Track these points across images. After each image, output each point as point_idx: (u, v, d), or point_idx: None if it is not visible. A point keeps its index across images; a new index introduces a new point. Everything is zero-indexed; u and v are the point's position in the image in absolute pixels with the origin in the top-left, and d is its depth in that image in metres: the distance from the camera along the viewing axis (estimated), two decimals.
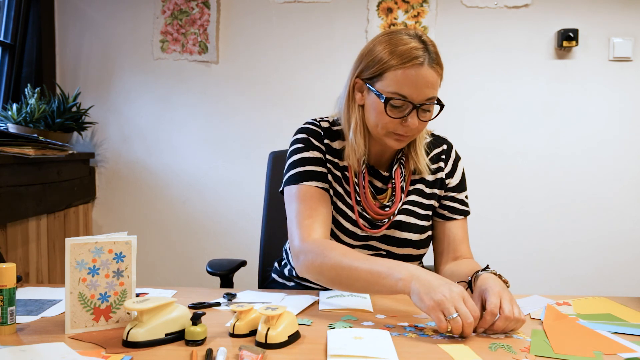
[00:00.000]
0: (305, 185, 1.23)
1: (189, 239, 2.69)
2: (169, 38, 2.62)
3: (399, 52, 1.13)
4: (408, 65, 1.12)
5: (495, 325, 0.96)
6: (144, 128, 2.67)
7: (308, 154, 1.26)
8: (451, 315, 0.91)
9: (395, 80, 1.13)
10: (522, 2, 2.55)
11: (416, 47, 1.13)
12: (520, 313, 0.97)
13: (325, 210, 1.22)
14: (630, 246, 2.60)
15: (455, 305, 0.92)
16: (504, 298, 0.98)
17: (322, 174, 1.25)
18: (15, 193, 1.95)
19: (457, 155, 1.36)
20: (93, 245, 0.96)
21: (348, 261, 1.08)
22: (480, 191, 2.56)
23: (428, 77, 1.13)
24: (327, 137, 1.29)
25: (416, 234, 1.28)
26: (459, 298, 0.93)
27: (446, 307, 0.92)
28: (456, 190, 1.33)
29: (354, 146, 1.23)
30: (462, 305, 0.92)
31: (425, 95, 1.14)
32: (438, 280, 0.97)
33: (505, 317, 0.96)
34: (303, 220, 1.19)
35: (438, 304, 0.93)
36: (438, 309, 0.92)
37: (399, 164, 1.29)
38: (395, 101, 1.14)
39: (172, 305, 0.93)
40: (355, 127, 1.23)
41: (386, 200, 1.27)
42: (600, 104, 2.58)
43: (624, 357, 0.86)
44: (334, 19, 2.60)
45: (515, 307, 0.98)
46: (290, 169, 1.26)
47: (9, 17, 2.43)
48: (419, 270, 1.00)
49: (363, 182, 1.26)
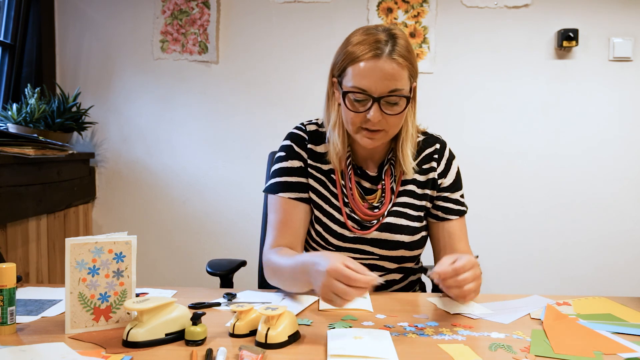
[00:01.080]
0: (281, 197, 1.28)
1: (189, 239, 2.69)
2: (169, 38, 2.63)
3: (360, 45, 1.13)
4: (366, 58, 1.11)
5: (448, 281, 1.00)
6: (144, 128, 2.67)
7: (287, 163, 1.30)
8: (334, 300, 0.95)
9: (354, 74, 1.13)
10: (522, 2, 2.55)
11: (377, 40, 1.12)
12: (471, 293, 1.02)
13: (297, 221, 1.27)
14: (630, 246, 2.60)
15: (331, 289, 0.94)
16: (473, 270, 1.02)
17: (299, 185, 1.28)
18: (15, 193, 1.95)
19: (450, 154, 1.34)
20: (93, 245, 0.96)
21: (282, 262, 1.15)
22: (480, 191, 2.56)
23: (387, 68, 1.11)
24: (312, 141, 1.30)
25: (408, 236, 1.27)
26: (330, 278, 0.94)
27: (326, 296, 0.96)
28: (450, 190, 1.32)
29: (332, 143, 1.25)
30: (336, 285, 0.93)
31: (386, 88, 1.12)
32: (316, 266, 0.99)
33: (457, 281, 0.99)
34: (272, 231, 1.27)
35: (321, 296, 0.98)
36: (325, 300, 0.97)
37: (389, 165, 1.28)
38: (356, 95, 1.14)
39: (172, 305, 0.93)
40: (334, 125, 1.24)
41: (375, 201, 1.27)
42: (600, 104, 2.58)
43: (624, 357, 0.86)
44: (334, 19, 2.60)
45: (473, 283, 1.01)
46: (271, 177, 1.32)
47: (9, 17, 2.43)
48: (309, 264, 1.03)
49: (350, 183, 1.26)
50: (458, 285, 1.00)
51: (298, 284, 1.12)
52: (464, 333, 0.97)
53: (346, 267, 0.94)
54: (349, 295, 0.93)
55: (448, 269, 1.00)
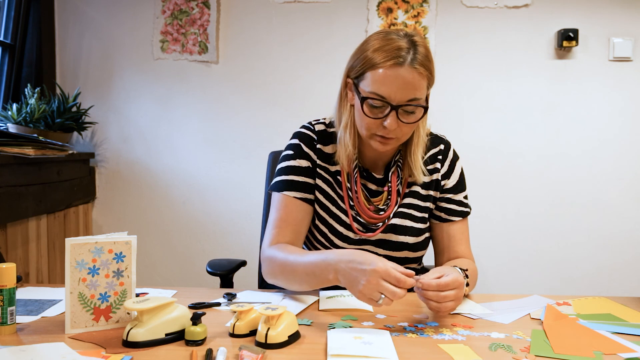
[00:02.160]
0: (286, 195, 1.26)
1: (189, 239, 2.69)
2: (169, 38, 2.63)
3: (381, 51, 1.11)
4: (387, 65, 1.10)
5: (428, 293, 0.99)
6: (144, 128, 2.67)
7: (295, 162, 1.28)
8: (379, 300, 0.95)
9: (374, 80, 1.11)
10: (522, 2, 2.55)
11: (400, 47, 1.10)
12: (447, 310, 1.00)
13: (298, 221, 1.25)
14: (630, 246, 2.60)
15: (378, 288, 0.95)
16: (457, 290, 1.00)
17: (305, 185, 1.27)
18: (15, 193, 1.95)
19: (454, 155, 1.34)
20: (93, 245, 0.96)
21: (292, 259, 1.13)
22: (480, 191, 2.56)
23: (408, 77, 1.10)
24: (320, 141, 1.29)
25: (412, 237, 1.27)
26: (378, 278, 0.95)
27: (371, 295, 0.96)
28: (453, 191, 1.31)
29: (342, 144, 1.23)
30: (385, 285, 0.94)
31: (405, 97, 1.11)
32: (357, 265, 0.99)
33: (437, 296, 0.98)
34: (273, 228, 1.25)
35: (363, 294, 0.97)
36: (366, 299, 0.97)
37: (396, 167, 1.27)
38: (374, 101, 1.12)
39: (172, 305, 0.93)
40: (345, 126, 1.23)
41: (381, 204, 1.26)
42: (600, 104, 2.58)
43: (624, 357, 0.86)
44: (334, 19, 2.60)
45: (452, 303, 1.00)
46: (277, 175, 1.30)
47: (9, 17, 2.43)
48: (341, 262, 1.02)
49: (355, 186, 1.25)
50: (438, 300, 0.99)
51: (313, 281, 1.10)
52: (464, 333, 0.97)
53: (395, 269, 0.96)
54: (397, 296, 0.94)
55: (432, 283, 0.99)
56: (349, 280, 1.00)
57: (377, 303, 0.95)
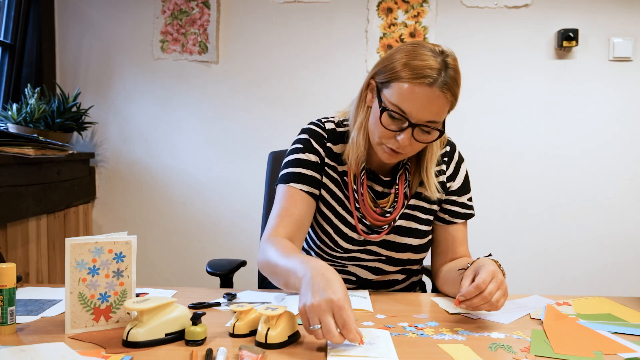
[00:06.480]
0: (292, 187, 1.24)
1: (189, 239, 2.69)
2: (169, 38, 2.63)
3: (412, 66, 1.09)
4: (416, 82, 1.07)
5: (473, 301, 0.97)
6: (144, 128, 2.67)
7: (304, 155, 1.26)
8: (313, 325, 0.86)
9: (400, 93, 1.09)
10: (522, 2, 2.55)
11: (431, 67, 1.08)
12: (500, 301, 0.99)
13: (302, 213, 1.22)
14: (630, 246, 2.60)
15: (320, 316, 0.85)
16: (495, 279, 0.99)
17: (312, 179, 1.25)
18: (15, 193, 1.95)
19: (460, 157, 1.34)
20: (93, 245, 0.96)
21: (275, 257, 1.08)
22: (480, 191, 2.56)
23: (433, 99, 1.08)
24: (330, 139, 1.27)
25: (417, 239, 1.27)
26: (328, 309, 0.85)
27: (310, 316, 0.86)
28: (458, 193, 1.31)
29: (354, 144, 1.21)
30: (327, 318, 0.85)
31: (426, 117, 1.10)
32: (323, 283, 0.89)
33: (483, 297, 0.97)
34: (275, 218, 1.21)
35: (304, 311, 0.88)
36: (304, 316, 0.88)
37: (404, 170, 1.27)
38: (394, 113, 1.10)
39: (172, 305, 0.93)
40: (360, 126, 1.21)
41: (388, 206, 1.26)
42: (600, 104, 2.58)
43: (624, 357, 0.86)
44: (334, 19, 2.60)
45: (500, 292, 0.99)
46: (284, 168, 1.27)
47: (9, 17, 2.43)
48: (315, 270, 0.93)
49: (362, 189, 1.24)
50: (486, 301, 0.97)
51: (285, 284, 1.06)
52: (464, 333, 0.97)
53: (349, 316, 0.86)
54: (332, 338, 0.84)
55: (471, 289, 0.97)
56: (304, 289, 0.91)
57: (309, 328, 0.87)
